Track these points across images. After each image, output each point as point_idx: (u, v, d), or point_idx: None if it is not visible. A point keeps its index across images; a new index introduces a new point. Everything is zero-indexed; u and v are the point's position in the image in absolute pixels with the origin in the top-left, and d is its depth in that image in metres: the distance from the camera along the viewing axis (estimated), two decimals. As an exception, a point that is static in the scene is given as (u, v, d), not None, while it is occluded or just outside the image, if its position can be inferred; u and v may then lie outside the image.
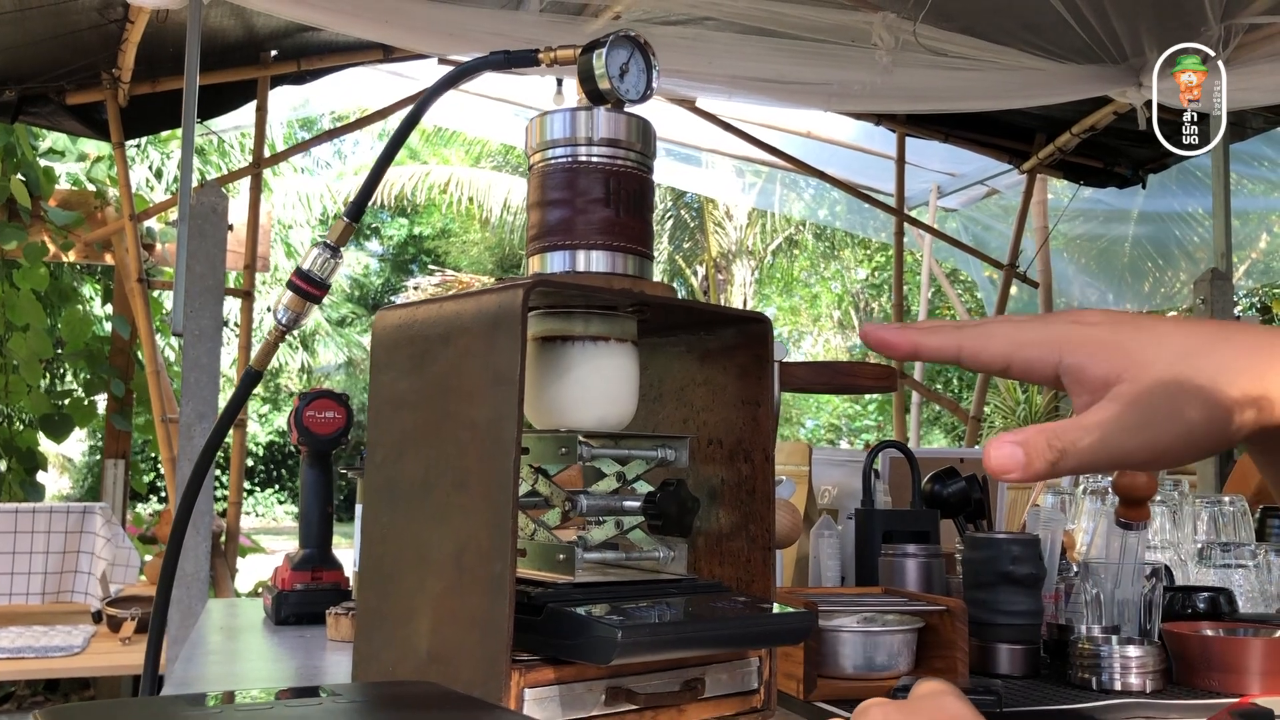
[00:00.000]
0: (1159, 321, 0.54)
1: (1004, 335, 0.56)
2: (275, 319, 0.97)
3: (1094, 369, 0.52)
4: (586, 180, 0.85)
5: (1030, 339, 0.55)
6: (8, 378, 4.83)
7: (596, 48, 0.86)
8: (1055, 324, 0.55)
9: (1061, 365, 0.54)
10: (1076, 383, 0.53)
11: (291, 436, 1.64)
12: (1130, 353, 0.52)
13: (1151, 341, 0.52)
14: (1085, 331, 0.54)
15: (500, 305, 0.77)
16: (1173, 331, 0.53)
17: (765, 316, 0.92)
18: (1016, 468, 0.51)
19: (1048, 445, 0.51)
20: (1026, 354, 0.55)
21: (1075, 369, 0.53)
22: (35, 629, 3.58)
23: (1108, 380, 0.52)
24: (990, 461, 0.51)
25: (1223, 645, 1.11)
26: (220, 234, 2.87)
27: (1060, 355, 0.54)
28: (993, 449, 0.51)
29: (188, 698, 0.65)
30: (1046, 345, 0.54)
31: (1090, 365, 0.53)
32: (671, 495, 0.83)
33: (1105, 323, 0.54)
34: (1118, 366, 0.52)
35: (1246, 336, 0.52)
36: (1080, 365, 0.53)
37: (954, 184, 6.18)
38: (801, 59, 3.77)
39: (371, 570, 0.86)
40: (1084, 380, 0.53)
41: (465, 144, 14.35)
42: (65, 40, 3.82)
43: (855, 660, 1.03)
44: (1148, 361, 0.51)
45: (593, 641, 0.73)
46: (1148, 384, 0.51)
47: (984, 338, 0.56)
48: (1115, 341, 0.53)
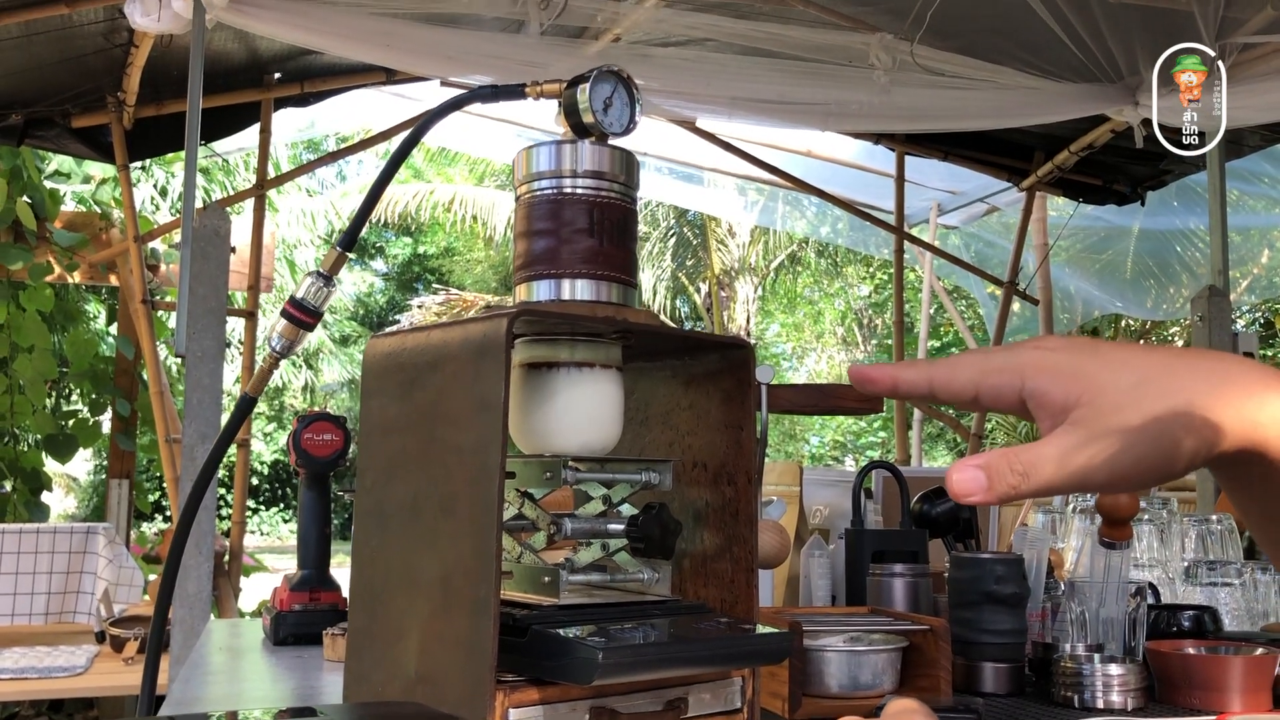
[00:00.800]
0: (1118, 348, 0.56)
1: (970, 365, 0.58)
2: (270, 346, 0.99)
3: (1054, 394, 0.54)
4: (571, 211, 0.88)
5: (995, 367, 0.57)
6: (13, 398, 4.86)
7: (581, 82, 0.88)
8: (1019, 352, 0.57)
9: (1024, 390, 0.55)
10: (1039, 407, 0.55)
11: (290, 459, 1.66)
12: (1088, 378, 0.54)
13: (1108, 367, 0.54)
14: (1046, 357, 0.56)
15: (485, 334, 0.79)
16: (1131, 358, 0.54)
17: (748, 342, 0.94)
18: (979, 490, 0.52)
19: (1009, 469, 0.52)
20: (992, 381, 0.57)
21: (1037, 394, 0.55)
22: (39, 649, 3.60)
23: (1066, 405, 0.54)
24: (953, 485, 0.53)
25: (1203, 663, 1.13)
26: (223, 256, 2.90)
27: (1023, 381, 0.55)
28: (955, 473, 0.53)
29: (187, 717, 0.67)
30: (1010, 372, 0.56)
31: (1051, 390, 0.54)
32: (654, 518, 0.85)
33: (1065, 349, 0.56)
34: (1075, 391, 0.54)
35: (1205, 364, 0.54)
36: (1042, 390, 0.55)
37: (954, 201, 6.21)
38: (800, 79, 3.80)
39: (362, 592, 0.88)
40: (1045, 405, 0.55)
41: (469, 163, 14.43)
42: (71, 64, 3.86)
43: (840, 679, 1.05)
44: (1104, 387, 0.53)
45: (575, 662, 0.75)
46: (1103, 409, 0.53)
47: (952, 368, 0.58)
48: (1074, 367, 0.55)
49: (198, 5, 2.93)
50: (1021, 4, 3.38)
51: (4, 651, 3.54)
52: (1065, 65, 3.73)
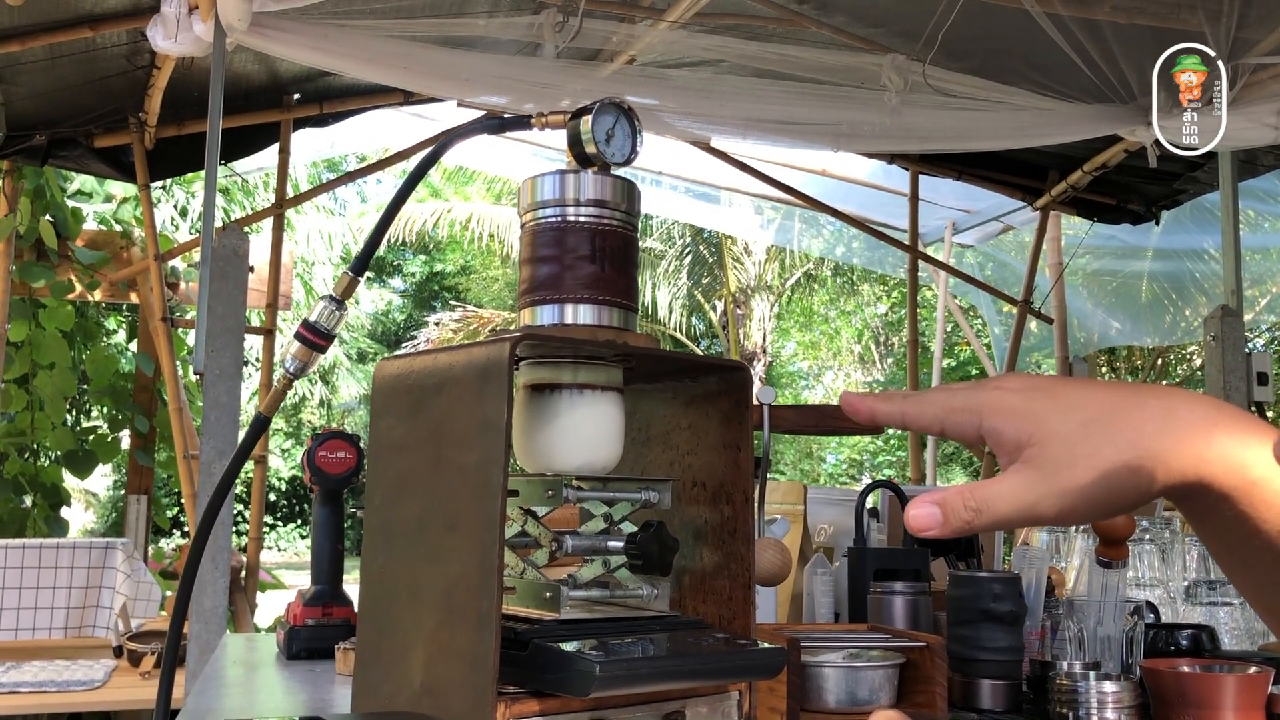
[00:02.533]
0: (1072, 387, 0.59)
1: (937, 402, 0.61)
2: (284, 368, 1.02)
3: (1008, 433, 0.57)
4: (574, 238, 0.91)
5: (957, 405, 0.60)
6: (33, 414, 4.92)
7: (584, 113, 0.91)
8: (979, 391, 0.60)
9: (983, 429, 0.59)
10: (996, 445, 0.59)
11: (305, 476, 1.70)
12: (1039, 418, 0.57)
13: (1059, 408, 0.57)
14: (1002, 398, 0.59)
15: (489, 357, 0.82)
16: (1081, 398, 0.57)
17: (745, 365, 0.97)
18: (934, 524, 0.56)
19: (963, 505, 0.56)
20: (954, 419, 0.60)
21: (994, 433, 0.58)
22: (57, 663, 3.63)
23: (1019, 444, 0.57)
24: (909, 520, 0.57)
25: (1197, 681, 1.14)
26: (241, 275, 2.94)
27: (981, 420, 0.59)
28: (912, 509, 0.57)
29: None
30: (970, 411, 0.59)
31: (1005, 430, 0.58)
32: (652, 536, 0.88)
33: (1021, 389, 0.59)
34: (1027, 431, 0.57)
35: (1153, 401, 0.56)
36: (996, 429, 0.58)
37: (969, 220, 6.22)
38: (812, 101, 3.83)
39: (370, 607, 0.91)
40: (1001, 443, 0.58)
41: (486, 181, 14.51)
42: (94, 86, 3.92)
43: (838, 695, 1.07)
44: (1054, 428, 0.56)
45: (573, 675, 0.78)
46: (1053, 450, 0.56)
47: (920, 404, 0.62)
48: (1027, 408, 0.58)
49: (218, 28, 2.98)
50: (1032, 25, 3.40)
51: (23, 665, 3.58)
52: (1077, 86, 3.75)
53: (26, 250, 4.74)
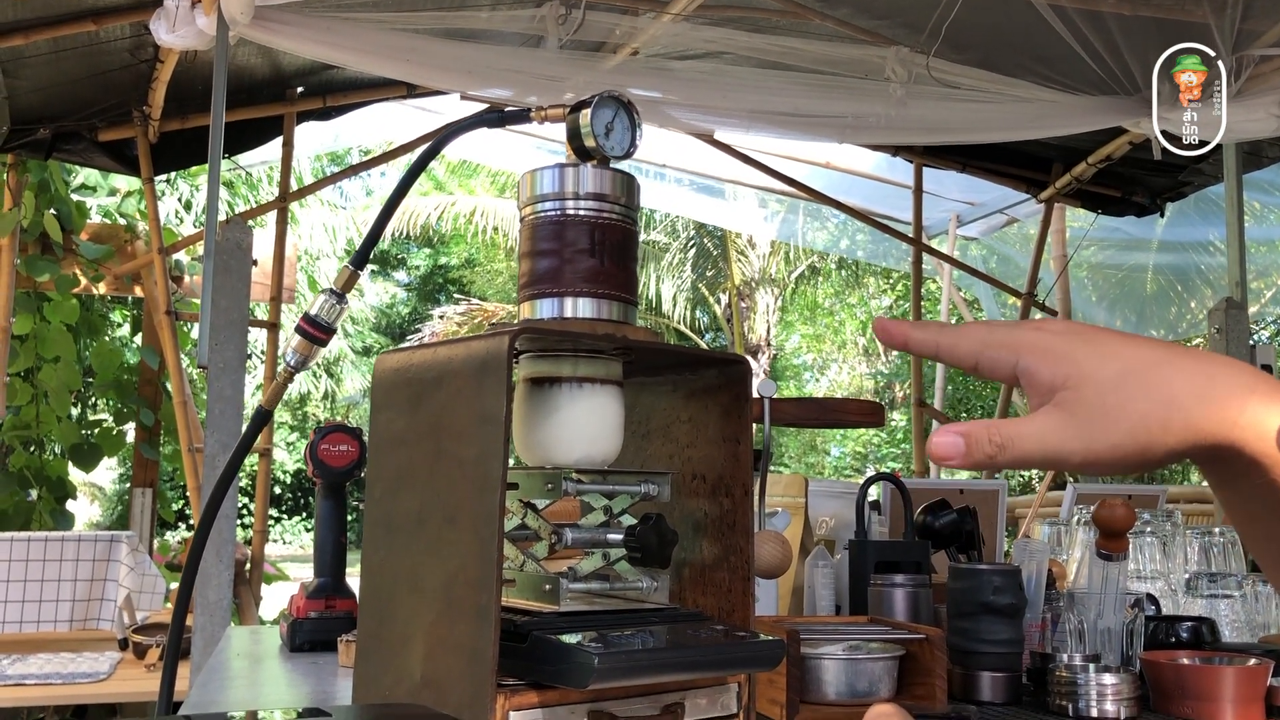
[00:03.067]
0: (1112, 337, 0.58)
1: (974, 336, 0.61)
2: (285, 361, 1.02)
3: (1043, 374, 0.57)
4: (573, 232, 0.91)
5: (995, 341, 0.60)
6: (38, 408, 4.93)
7: (584, 107, 0.91)
8: (1020, 330, 0.60)
9: (1019, 367, 0.58)
10: (1029, 385, 0.58)
11: (308, 469, 1.70)
12: (1077, 362, 0.56)
13: (1097, 355, 0.56)
14: (1042, 338, 0.59)
15: (488, 351, 0.82)
16: (1121, 348, 0.57)
17: (744, 359, 0.97)
18: (957, 455, 0.55)
19: (988, 439, 0.55)
20: (991, 354, 0.60)
21: (1029, 372, 0.58)
22: (63, 655, 3.65)
23: (1054, 386, 0.56)
24: (932, 448, 0.56)
25: (1196, 673, 1.14)
26: (245, 269, 2.95)
27: (1018, 357, 0.58)
28: (936, 436, 0.56)
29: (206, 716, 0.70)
30: (1008, 348, 0.59)
31: (1041, 370, 0.57)
32: (651, 528, 0.88)
33: (1062, 333, 0.59)
34: (1063, 374, 0.56)
35: (1190, 362, 0.56)
36: (1033, 369, 0.58)
37: (974, 213, 6.21)
38: (816, 93, 3.83)
39: (370, 599, 0.91)
40: (1035, 383, 0.57)
41: (490, 175, 14.51)
42: (98, 79, 3.92)
43: (837, 687, 1.07)
44: (1090, 373, 0.56)
45: (572, 667, 0.78)
46: (1087, 395, 0.55)
47: (957, 336, 0.62)
48: (1066, 351, 0.57)
49: (221, 21, 2.98)
50: (1036, 17, 3.40)
51: (29, 657, 3.60)
52: (1082, 78, 3.74)
53: (31, 244, 4.75)
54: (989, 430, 0.56)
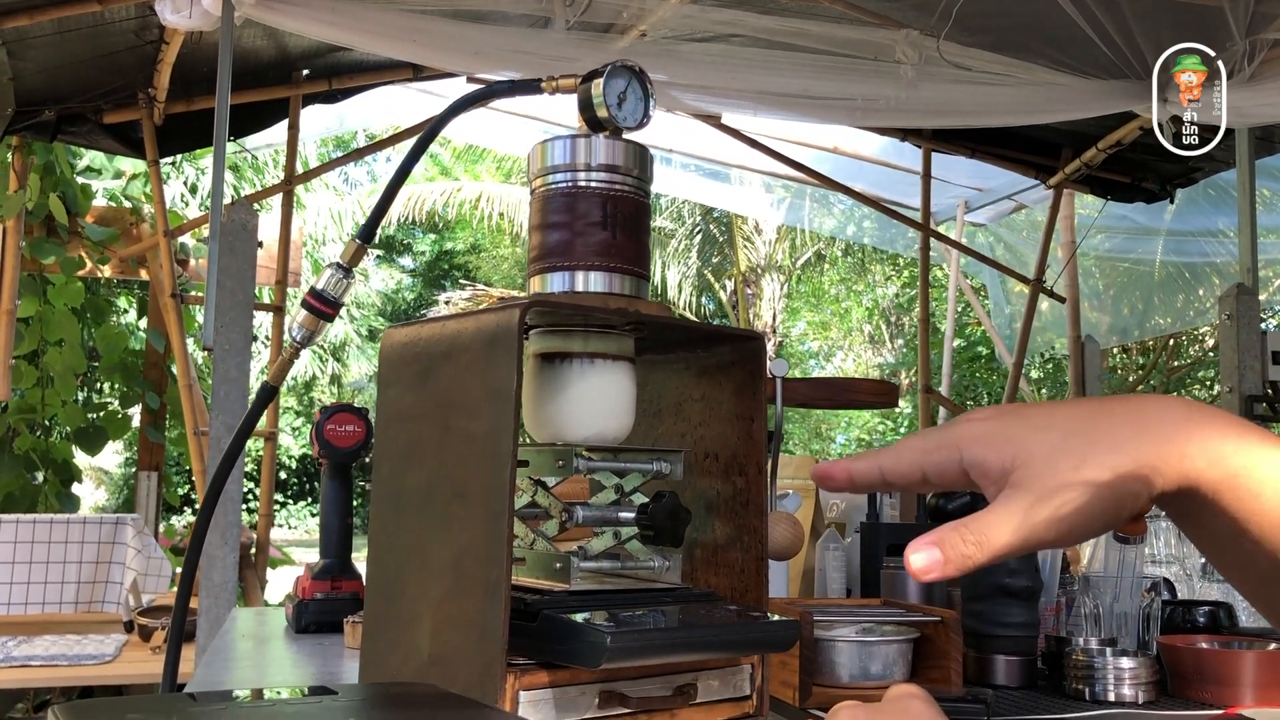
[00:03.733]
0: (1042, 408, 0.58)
1: (911, 447, 0.60)
2: (290, 337, 1.01)
3: (990, 461, 0.56)
4: (585, 204, 0.89)
5: (933, 445, 0.59)
6: (43, 391, 4.93)
7: (596, 77, 0.90)
8: (953, 428, 0.59)
9: (964, 462, 0.57)
10: (981, 476, 0.57)
11: (313, 449, 1.69)
12: (1018, 440, 0.56)
13: (1034, 428, 0.56)
14: (977, 428, 0.58)
15: (499, 324, 0.81)
16: (1054, 415, 0.56)
17: (759, 335, 0.95)
18: (936, 567, 0.55)
19: (962, 541, 0.54)
20: (933, 459, 0.59)
21: (975, 464, 0.57)
22: (68, 638, 3.65)
23: (1004, 470, 0.56)
24: (910, 566, 0.55)
25: (1215, 658, 1.13)
26: (250, 251, 2.93)
27: (960, 453, 0.57)
28: (911, 554, 0.55)
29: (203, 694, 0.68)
30: (947, 447, 0.58)
31: (987, 458, 0.56)
32: (663, 507, 0.86)
33: (994, 417, 0.58)
34: (1009, 455, 0.55)
35: (1124, 409, 0.55)
36: (978, 459, 0.57)
37: (982, 199, 6.18)
38: (826, 74, 3.80)
39: (377, 577, 0.90)
40: (985, 472, 0.57)
41: (496, 160, 14.47)
42: (103, 61, 3.90)
43: (851, 669, 1.06)
44: (1034, 448, 0.55)
45: (583, 646, 0.77)
46: (1038, 470, 0.54)
47: (896, 455, 0.61)
48: (1003, 433, 0.57)
49: (226, 2, 2.96)
50: (1049, 1, 3.36)
51: (34, 639, 3.60)
52: (1093, 62, 3.71)
53: (36, 226, 4.74)
54: (960, 533, 0.55)
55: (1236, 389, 3.88)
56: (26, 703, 4.24)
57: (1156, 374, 11.48)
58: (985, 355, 11.66)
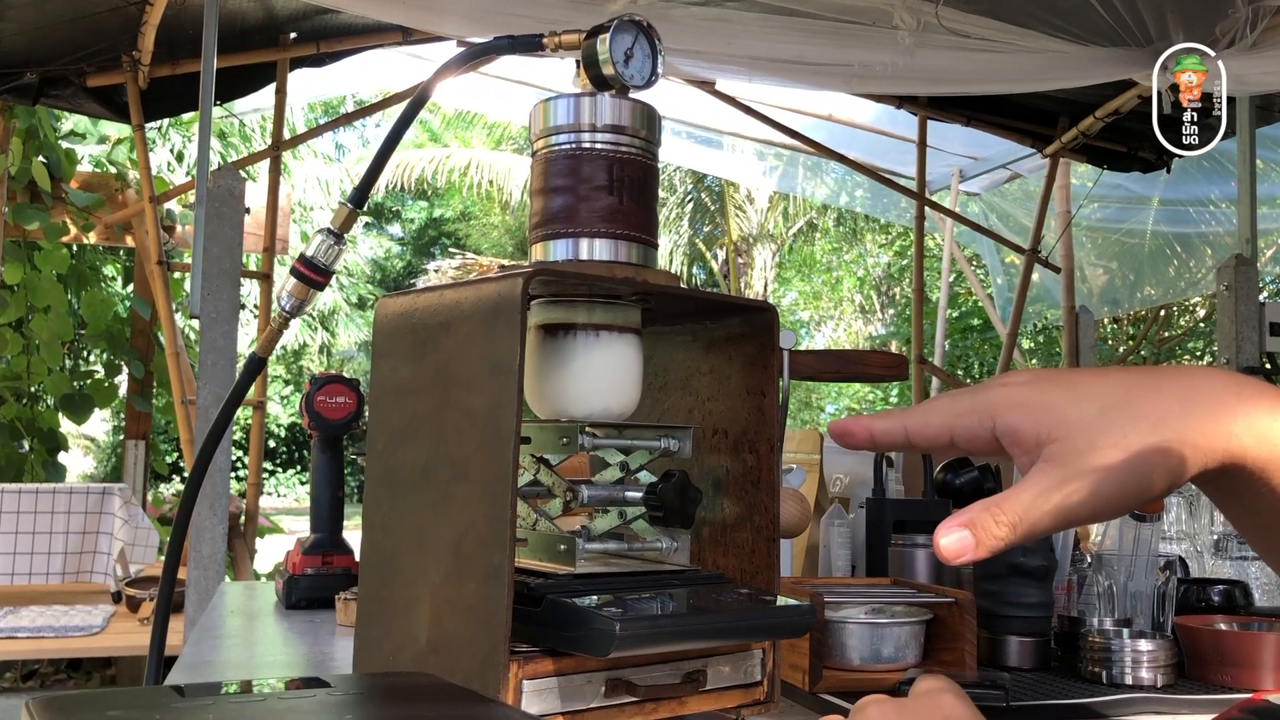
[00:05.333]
0: (1083, 375, 0.55)
1: (942, 409, 0.57)
2: (279, 305, 0.96)
3: (1025, 430, 0.53)
4: (590, 167, 0.84)
5: (965, 408, 0.56)
6: (29, 359, 4.87)
7: (600, 32, 0.85)
8: (986, 391, 0.56)
9: (997, 429, 0.55)
10: (1013, 444, 0.54)
11: (303, 421, 1.64)
12: (1056, 411, 0.53)
13: (1075, 398, 0.53)
14: (1013, 393, 0.55)
15: (500, 294, 0.76)
16: (1097, 385, 0.53)
17: (771, 306, 0.91)
18: (968, 550, 0.52)
19: (995, 522, 0.51)
20: (964, 423, 0.56)
21: (1009, 431, 0.54)
22: (55, 609, 3.61)
23: (1039, 440, 0.53)
24: (940, 550, 0.52)
25: (1236, 640, 1.10)
26: (237, 217, 2.87)
27: (994, 420, 0.55)
28: (940, 537, 0.52)
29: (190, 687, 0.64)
30: (980, 412, 0.55)
31: (1021, 427, 0.53)
32: (673, 486, 0.82)
33: (1031, 382, 0.55)
34: (1046, 425, 0.53)
35: (1171, 382, 0.52)
36: (1012, 427, 0.54)
37: (976, 168, 6.14)
38: (822, 40, 3.74)
39: (372, 557, 0.86)
40: (1019, 441, 0.54)
41: (486, 127, 14.36)
42: (85, 22, 3.82)
43: (862, 652, 1.02)
44: (1074, 419, 0.52)
45: (591, 634, 0.73)
46: (1076, 443, 0.52)
47: (925, 415, 0.58)
48: (1042, 401, 0.54)
49: (212, -38, 2.89)
50: (1049, -35, 3.31)
51: (21, 610, 3.56)
52: (1093, 29, 3.66)
53: (19, 192, 4.66)
54: (992, 513, 0.52)
55: (1234, 360, 3.86)
56: (14, 673, 4.21)
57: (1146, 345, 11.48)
58: (978, 326, 11.64)
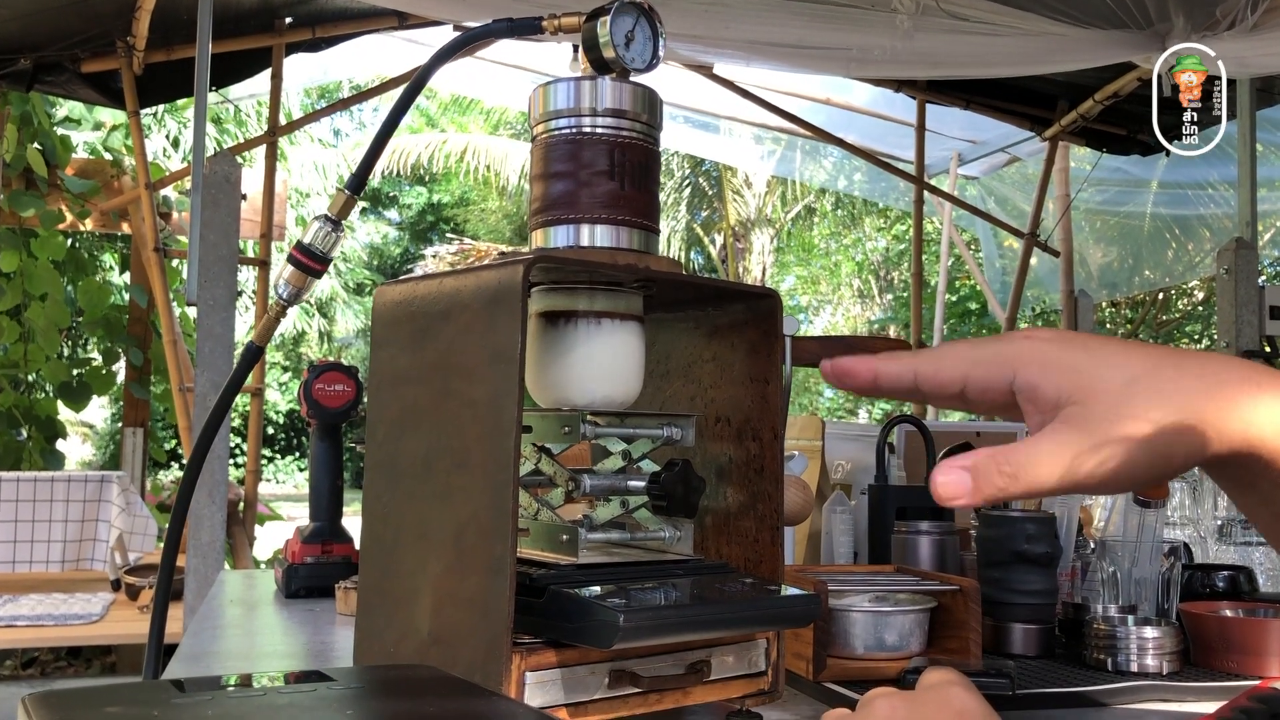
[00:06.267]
0: (1109, 344, 0.53)
1: (958, 355, 0.55)
2: (276, 294, 0.95)
3: (1046, 388, 0.52)
4: (590, 152, 0.83)
5: (984, 357, 0.54)
6: (26, 346, 4.86)
7: (601, 15, 0.84)
8: (1010, 342, 0.54)
9: (1015, 383, 0.53)
10: (1029, 401, 0.53)
11: (301, 409, 1.63)
12: (1080, 374, 0.52)
13: (1100, 364, 0.52)
14: (1038, 349, 0.53)
15: (500, 282, 0.75)
16: (1122, 355, 0.52)
17: (774, 292, 0.90)
18: (964, 493, 0.50)
19: (997, 470, 0.50)
20: (981, 372, 0.54)
21: (1028, 387, 0.53)
22: (55, 596, 3.61)
23: (1058, 401, 0.51)
24: (936, 488, 0.51)
25: (1242, 626, 1.09)
26: (234, 203, 2.86)
27: (1014, 372, 0.53)
28: (939, 475, 0.51)
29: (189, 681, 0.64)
30: (1000, 363, 0.54)
31: (1042, 384, 0.52)
32: (677, 475, 0.81)
33: (1056, 340, 0.54)
34: (1067, 387, 0.51)
35: (1195, 364, 0.51)
36: (1032, 384, 0.53)
37: (975, 151, 6.12)
38: (821, 23, 3.72)
39: (373, 548, 0.85)
40: (1036, 399, 0.52)
41: (483, 112, 14.32)
42: (79, 8, 3.80)
43: (866, 640, 1.02)
44: (1097, 385, 0.51)
45: (595, 625, 0.72)
46: (1095, 410, 0.50)
47: (938, 359, 0.56)
48: (1066, 361, 0.52)
49: (206, -54, 2.87)
50: (1049, -53, 3.29)
51: (20, 598, 3.56)
52: (1093, 11, 3.64)
53: (15, 179, 4.64)
54: (996, 461, 0.50)
55: (1234, 344, 3.85)
56: (14, 661, 4.21)
57: (1145, 328, 11.48)
58: (976, 310, 11.63)
